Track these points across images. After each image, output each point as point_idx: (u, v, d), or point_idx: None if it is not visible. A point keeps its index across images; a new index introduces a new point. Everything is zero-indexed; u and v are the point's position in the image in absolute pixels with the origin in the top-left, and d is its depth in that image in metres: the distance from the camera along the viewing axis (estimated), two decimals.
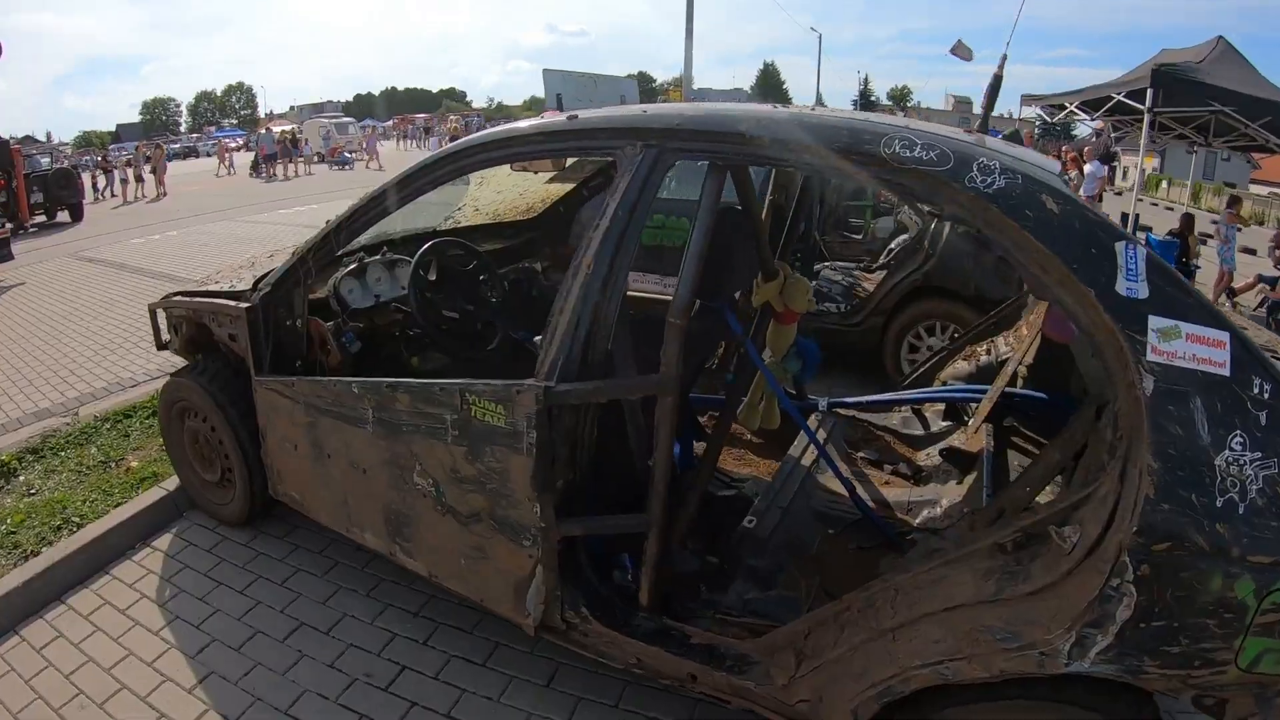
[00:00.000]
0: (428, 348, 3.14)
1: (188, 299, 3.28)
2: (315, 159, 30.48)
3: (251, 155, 28.36)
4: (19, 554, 3.39)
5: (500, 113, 67.71)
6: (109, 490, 3.94)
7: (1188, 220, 9.43)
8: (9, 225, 10.92)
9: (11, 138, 15.27)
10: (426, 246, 3.07)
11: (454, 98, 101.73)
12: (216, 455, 3.39)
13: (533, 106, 62.00)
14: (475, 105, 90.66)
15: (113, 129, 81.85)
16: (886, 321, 5.35)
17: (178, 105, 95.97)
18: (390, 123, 54.62)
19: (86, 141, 70.16)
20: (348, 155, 30.26)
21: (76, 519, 3.65)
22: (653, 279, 5.71)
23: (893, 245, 6.51)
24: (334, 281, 3.10)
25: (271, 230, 13.10)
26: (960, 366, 3.97)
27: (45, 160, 15.73)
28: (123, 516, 3.56)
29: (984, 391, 3.28)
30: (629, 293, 2.15)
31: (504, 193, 4.09)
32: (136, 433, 4.68)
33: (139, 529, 3.59)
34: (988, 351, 3.90)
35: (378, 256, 3.32)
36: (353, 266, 3.18)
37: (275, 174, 24.87)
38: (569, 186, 3.93)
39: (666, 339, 1.99)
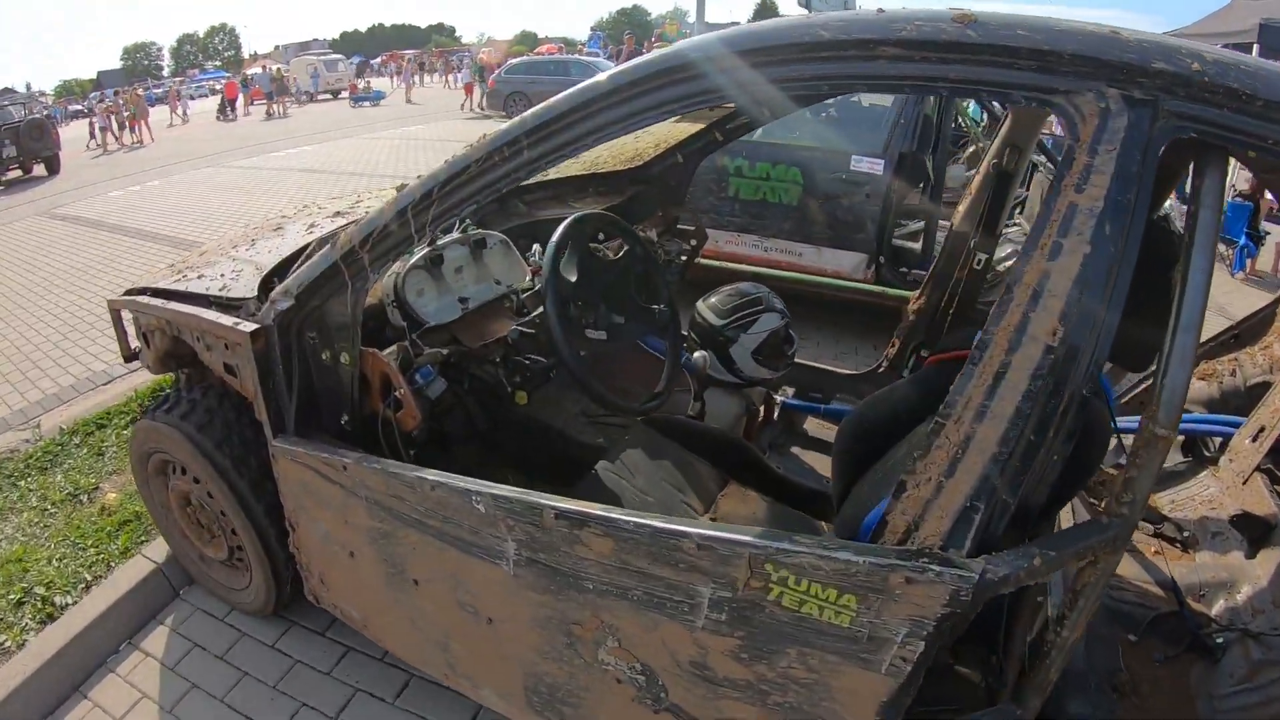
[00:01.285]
0: (541, 382, 2.09)
1: (161, 304, 2.17)
2: (304, 98, 29.48)
3: (217, 100, 27.48)
4: None
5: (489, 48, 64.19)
6: (81, 540, 3.00)
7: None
8: None
9: None
10: (568, 225, 1.90)
11: (442, 32, 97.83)
12: (219, 528, 2.32)
13: (524, 41, 58.87)
14: (464, 41, 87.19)
15: (94, 76, 78.64)
16: None
17: (159, 49, 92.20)
18: (379, 59, 52.37)
19: (67, 90, 67.73)
20: (378, 90, 28.75)
21: (41, 590, 2.72)
22: (749, 240, 4.69)
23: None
24: (395, 279, 2.01)
25: (264, 177, 11.88)
26: (1198, 388, 3.07)
27: (17, 111, 14.32)
28: (94, 610, 2.52)
29: (1237, 424, 2.52)
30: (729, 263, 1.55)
31: None
32: (112, 449, 3.71)
33: (119, 623, 2.57)
34: (1232, 373, 2.99)
35: (453, 235, 2.22)
36: (422, 253, 2.08)
37: (276, 113, 24.62)
38: (694, 127, 2.77)
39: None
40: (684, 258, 3.05)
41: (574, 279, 1.82)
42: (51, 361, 4.97)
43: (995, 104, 4.71)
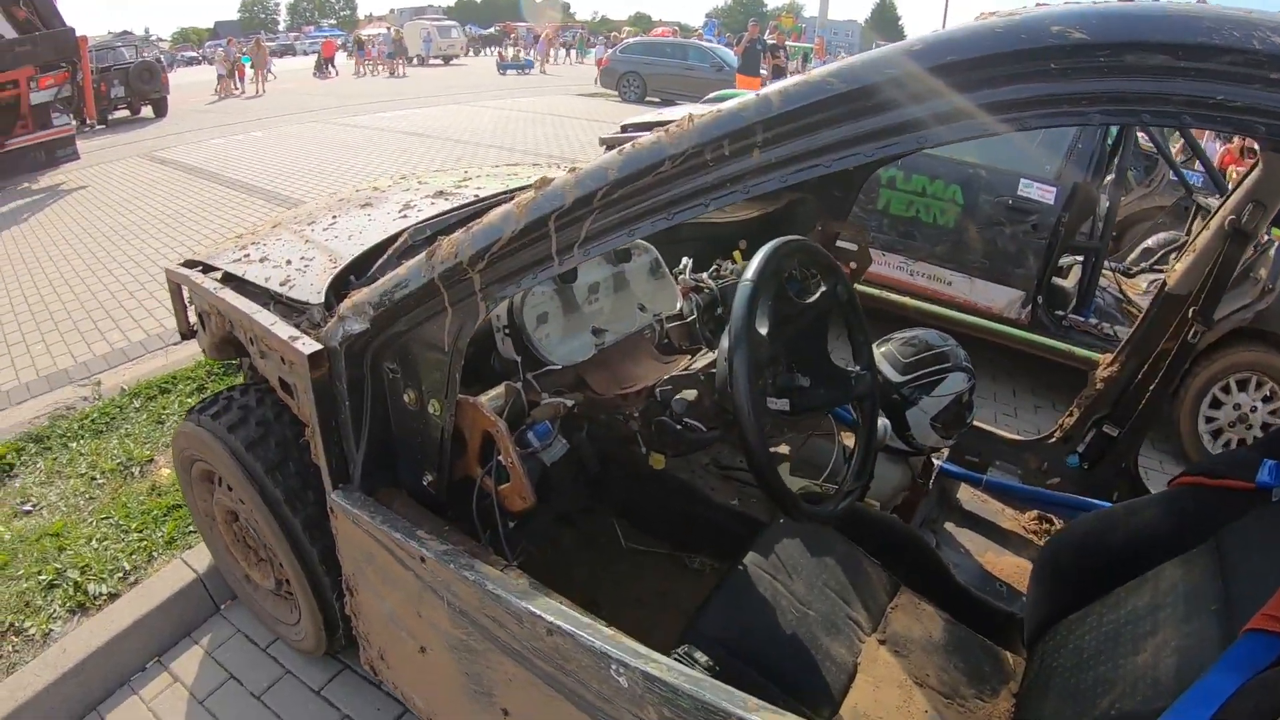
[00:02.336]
0: (691, 450, 1.61)
1: (213, 289, 1.80)
2: (415, 62, 30.05)
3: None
4: None
5: (606, 28, 63.61)
6: (126, 521, 2.75)
7: None
8: (74, 122, 9.86)
9: (109, 32, 14.34)
10: (769, 255, 1.35)
11: (555, 7, 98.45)
12: (266, 555, 1.97)
13: (638, 23, 58.02)
14: (579, 18, 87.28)
15: (211, 26, 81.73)
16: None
17: (276, 3, 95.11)
18: (493, 29, 52.97)
19: (184, 37, 70.57)
20: (529, 59, 29.01)
21: (74, 574, 2.47)
22: (895, 260, 4.17)
23: (1150, 243, 4.97)
24: (510, 300, 1.54)
25: (367, 136, 11.80)
26: None
27: (129, 53, 14.70)
28: (124, 620, 2.22)
29: None
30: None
31: None
32: (174, 417, 3.46)
33: (150, 637, 2.27)
34: None
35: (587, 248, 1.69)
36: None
37: (395, 71, 25.66)
38: None
39: None
40: None
41: (765, 330, 1.33)
42: (125, 313, 4.80)
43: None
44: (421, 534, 1.33)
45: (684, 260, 1.89)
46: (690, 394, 1.51)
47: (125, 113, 14.62)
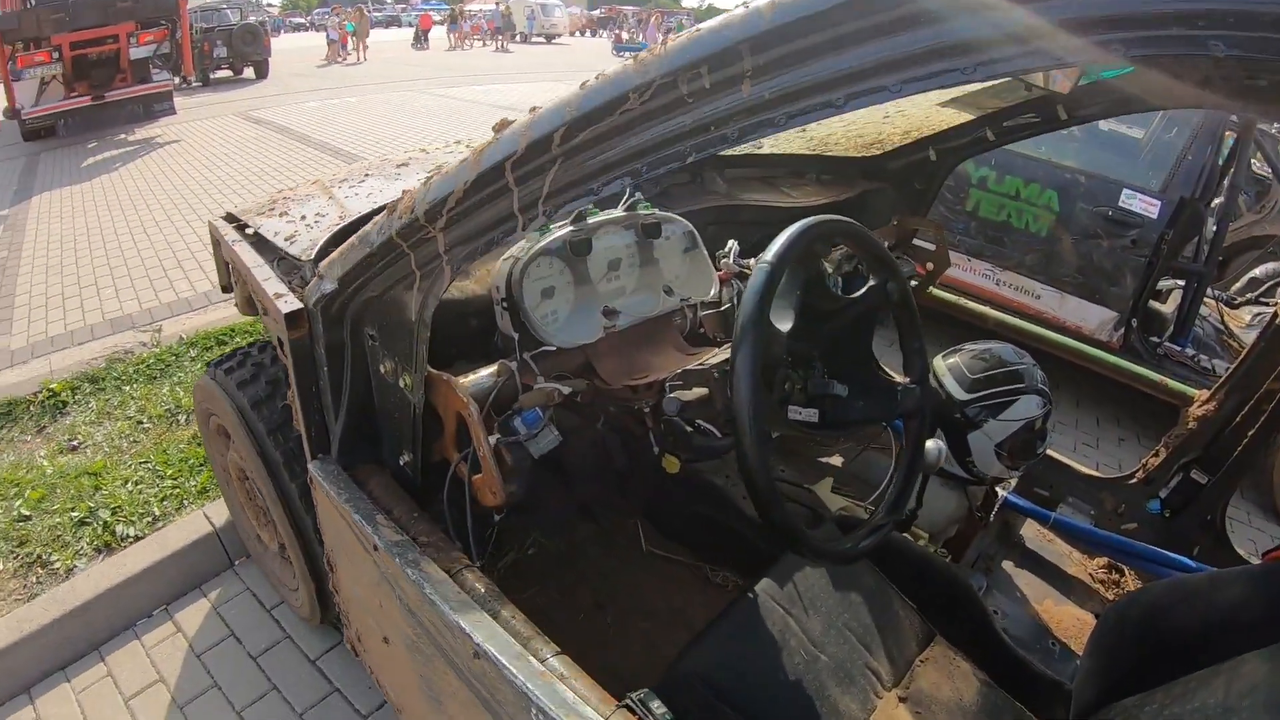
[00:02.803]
0: (706, 458, 1.42)
1: (231, 242, 1.75)
2: (517, 38, 30.60)
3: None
4: (18, 565, 2.33)
5: (711, 14, 62.13)
6: (163, 467, 2.78)
7: None
8: (174, 79, 10.31)
9: None
10: (794, 236, 1.12)
11: None
12: (267, 517, 1.93)
13: (709, 14, 56.72)
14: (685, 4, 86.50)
15: None
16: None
17: None
18: (599, 11, 53.13)
19: (294, 4, 72.97)
20: (644, 43, 29.74)
21: (105, 514, 2.52)
22: (981, 267, 3.91)
23: (1258, 272, 4.59)
24: (510, 267, 1.37)
25: (457, 107, 11.94)
26: None
27: (233, 15, 15.25)
28: (136, 565, 2.22)
29: None
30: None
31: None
32: None
33: (160, 584, 2.27)
34: None
35: (611, 213, 1.52)
36: (560, 234, 1.41)
37: (501, 46, 26.34)
38: (960, 118, 2.08)
39: None
40: (914, 283, 2.35)
41: (789, 326, 1.16)
42: (196, 264, 4.92)
43: None
44: (380, 519, 1.24)
45: (730, 243, 1.71)
46: (692, 392, 1.33)
47: (227, 73, 15.14)
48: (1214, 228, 3.69)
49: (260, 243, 1.67)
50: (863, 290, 1.29)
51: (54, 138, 9.36)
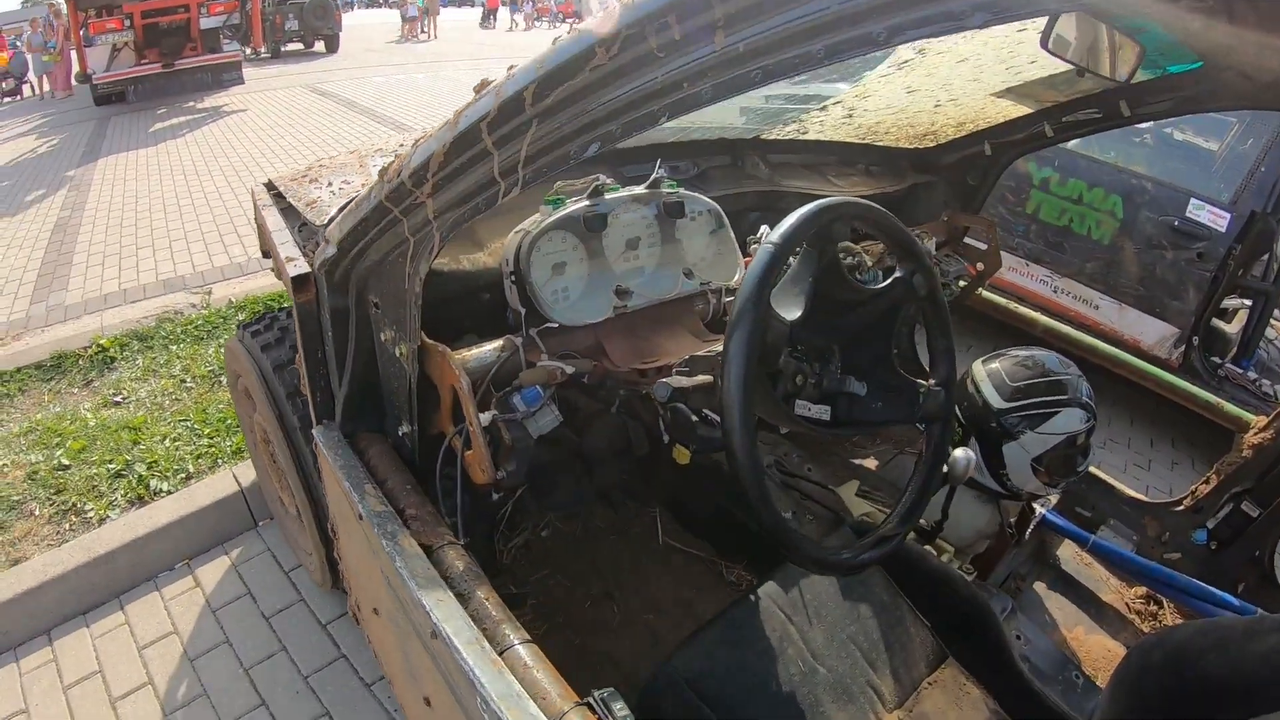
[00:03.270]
0: (714, 449, 1.32)
1: (260, 208, 1.78)
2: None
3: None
4: (54, 511, 2.44)
5: None
6: (201, 426, 2.88)
7: None
8: (244, 50, 10.58)
9: None
10: (805, 218, 1.07)
11: None
12: (285, 481, 1.96)
13: None
14: None
15: None
16: None
17: None
18: None
19: None
20: None
21: (141, 468, 2.61)
22: (1039, 272, 3.79)
23: None
24: (520, 239, 1.34)
25: None
26: None
27: None
28: (158, 521, 2.29)
29: None
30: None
31: (915, 95, 2.16)
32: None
33: (185, 539, 2.33)
34: None
35: (632, 190, 1.47)
36: (576, 207, 1.38)
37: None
38: (1017, 111, 2.00)
39: None
40: (962, 283, 2.29)
41: (798, 314, 1.10)
42: (252, 229, 5.03)
43: None
44: (368, 488, 1.23)
45: (762, 228, 1.65)
46: (693, 379, 1.27)
47: (298, 46, 15.45)
48: None
49: (288, 209, 1.69)
50: (887, 282, 1.22)
51: (124, 103, 9.70)
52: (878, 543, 1.18)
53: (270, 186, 1.97)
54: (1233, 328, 3.71)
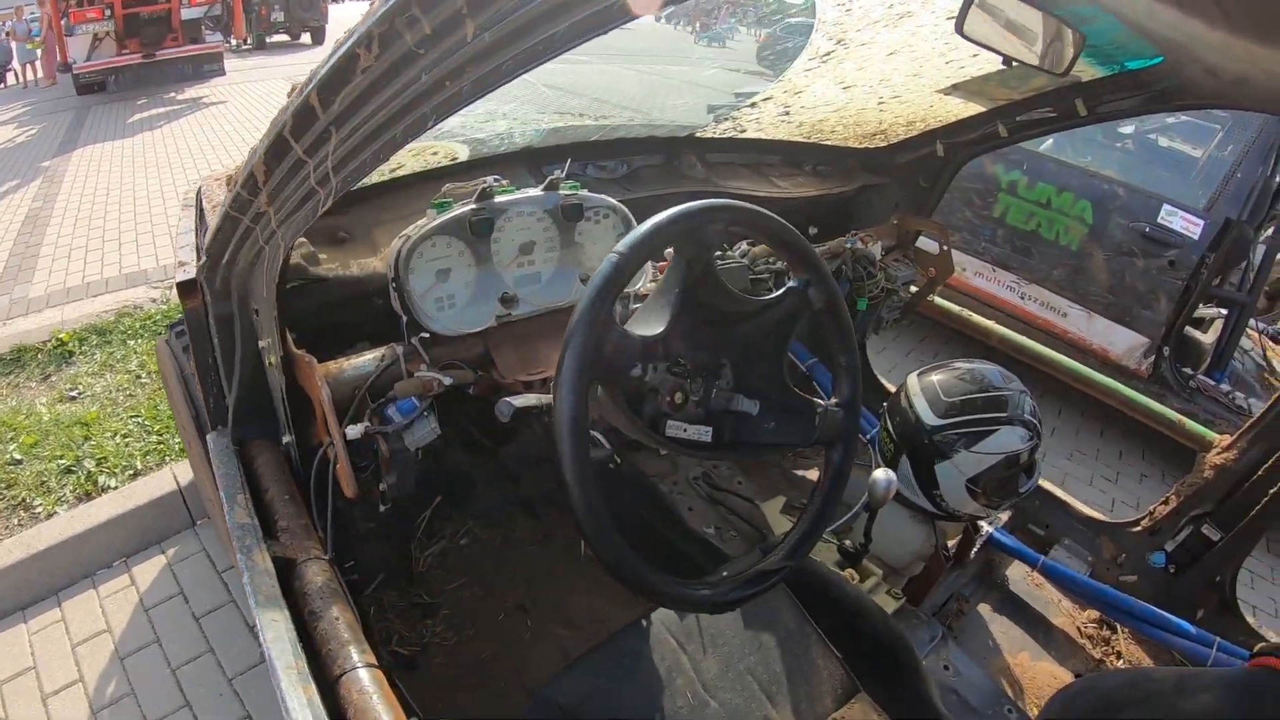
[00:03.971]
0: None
1: (185, 207, 1.79)
2: None
3: None
4: (3, 506, 2.47)
5: None
6: (152, 423, 2.90)
7: None
8: (227, 41, 10.59)
9: None
10: (669, 220, 1.00)
11: None
12: None
13: None
14: None
15: None
16: None
17: None
18: None
19: None
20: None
21: (91, 464, 2.64)
22: (1005, 278, 3.79)
23: None
24: (401, 245, 1.31)
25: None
26: None
27: None
28: (96, 519, 2.30)
29: None
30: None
31: (853, 91, 2.14)
32: None
33: (123, 537, 2.34)
34: None
35: (526, 192, 1.43)
36: (458, 212, 1.34)
37: None
38: (969, 109, 1.98)
39: None
40: (913, 290, 2.25)
41: (660, 329, 1.04)
42: None
43: None
44: (239, 500, 1.22)
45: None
46: (536, 398, 1.20)
47: (284, 37, 15.44)
48: (1262, 251, 3.51)
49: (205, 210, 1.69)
50: (778, 294, 1.16)
51: (104, 93, 9.71)
52: (753, 580, 1.10)
53: (215, 181, 1.98)
54: (1208, 338, 3.71)
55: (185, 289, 1.33)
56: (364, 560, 1.77)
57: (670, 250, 1.09)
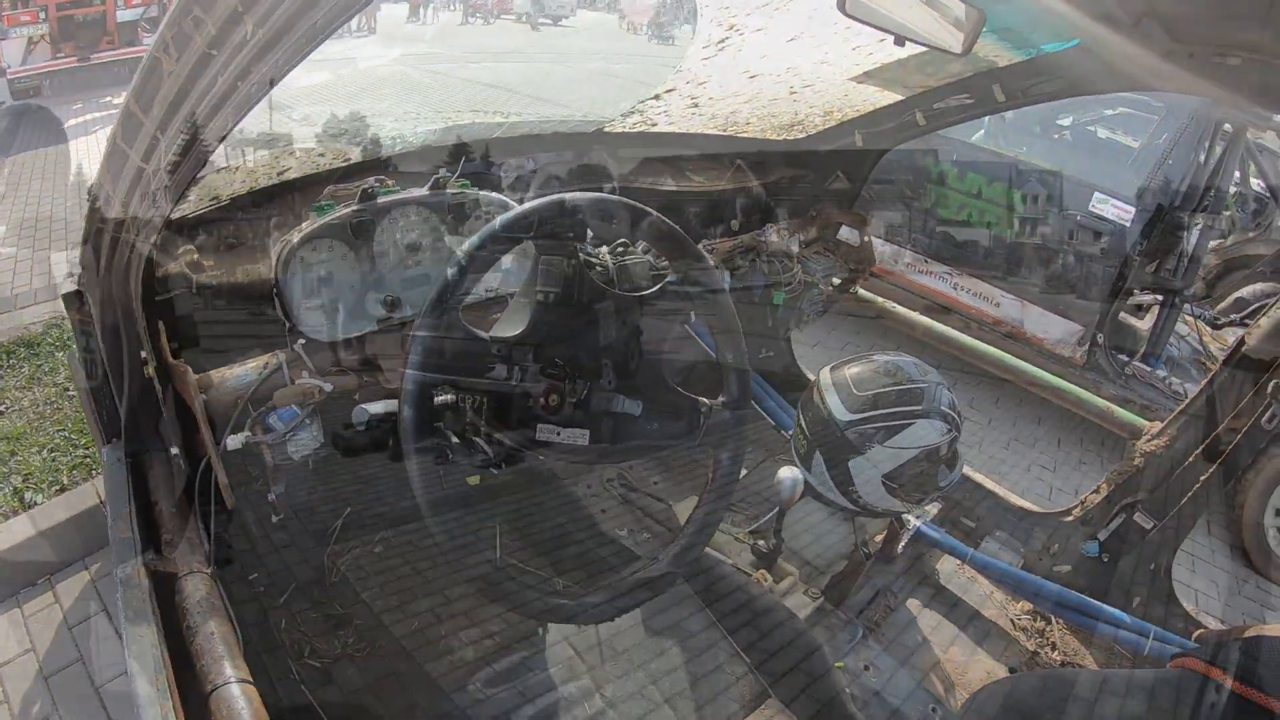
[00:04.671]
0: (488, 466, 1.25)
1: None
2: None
3: None
4: None
5: None
6: (79, 436, 2.84)
7: None
8: None
9: None
10: (506, 222, 1.06)
11: None
12: None
13: None
14: None
15: None
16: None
17: None
18: None
19: None
20: None
21: (17, 480, 2.59)
22: (937, 270, 3.87)
23: (1244, 293, 4.43)
24: (281, 249, 1.31)
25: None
26: None
27: None
28: (15, 538, 2.26)
29: None
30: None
31: (761, 81, 2.18)
32: None
33: (47, 556, 2.33)
34: None
35: (413, 192, 1.43)
36: (334, 216, 1.33)
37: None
38: (887, 98, 2.01)
39: None
40: (835, 283, 2.26)
41: (515, 330, 1.05)
42: None
43: None
44: (122, 514, 1.22)
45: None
46: (387, 405, 1.22)
47: None
48: (1195, 238, 3.62)
49: None
50: (655, 288, 1.16)
51: (40, 98, 9.46)
52: (634, 589, 1.09)
53: None
54: (1145, 324, 3.81)
55: (70, 300, 1.33)
56: (273, 571, 1.76)
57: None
